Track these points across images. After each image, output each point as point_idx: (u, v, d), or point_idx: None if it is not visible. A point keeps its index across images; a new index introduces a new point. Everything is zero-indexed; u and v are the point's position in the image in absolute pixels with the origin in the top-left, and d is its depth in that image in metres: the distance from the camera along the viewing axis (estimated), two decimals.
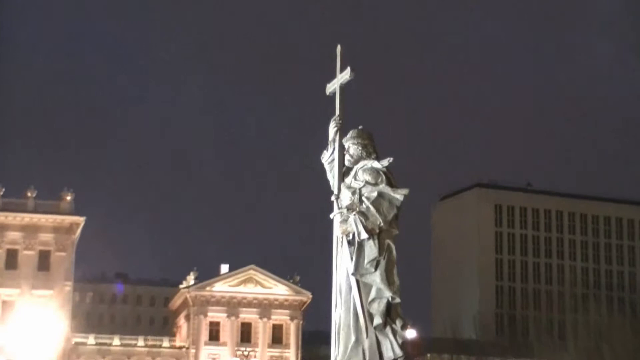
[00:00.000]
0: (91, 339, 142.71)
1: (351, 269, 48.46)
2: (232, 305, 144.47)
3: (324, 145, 50.36)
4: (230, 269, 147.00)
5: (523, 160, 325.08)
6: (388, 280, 49.40)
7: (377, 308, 48.68)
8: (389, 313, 49.61)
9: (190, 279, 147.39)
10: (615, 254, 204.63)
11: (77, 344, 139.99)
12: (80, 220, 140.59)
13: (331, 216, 49.89)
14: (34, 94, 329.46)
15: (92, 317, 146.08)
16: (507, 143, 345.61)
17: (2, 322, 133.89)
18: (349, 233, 48.50)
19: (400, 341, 50.12)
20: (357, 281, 48.63)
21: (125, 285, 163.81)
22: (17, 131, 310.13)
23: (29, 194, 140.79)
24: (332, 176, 49.21)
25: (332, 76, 51.45)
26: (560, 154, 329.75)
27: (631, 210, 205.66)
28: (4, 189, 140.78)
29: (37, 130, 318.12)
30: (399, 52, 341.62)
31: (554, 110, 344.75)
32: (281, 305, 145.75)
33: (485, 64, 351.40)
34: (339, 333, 50.27)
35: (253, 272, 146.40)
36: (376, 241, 49.13)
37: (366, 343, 49.18)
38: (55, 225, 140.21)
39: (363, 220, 48.66)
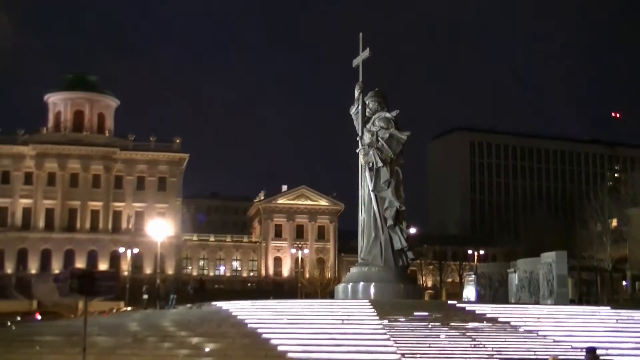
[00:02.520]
0: (195, 237, 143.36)
1: (371, 187, 48.63)
2: (290, 213, 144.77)
3: (352, 101, 50.12)
4: (289, 188, 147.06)
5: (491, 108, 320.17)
6: (397, 194, 49.58)
7: (390, 214, 48.85)
8: (398, 217, 49.80)
9: (261, 195, 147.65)
10: (552, 176, 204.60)
11: (185, 240, 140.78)
12: (185, 156, 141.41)
13: (357, 150, 49.91)
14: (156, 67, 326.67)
15: (196, 221, 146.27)
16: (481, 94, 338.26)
17: (135, 226, 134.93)
18: (369, 162, 48.72)
19: (405, 236, 50.30)
20: (375, 195, 48.79)
21: (216, 200, 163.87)
22: (146, 93, 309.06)
23: (151, 139, 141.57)
24: (357, 123, 49.38)
25: (357, 54, 50.96)
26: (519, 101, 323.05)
27: (564, 144, 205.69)
28: (134, 136, 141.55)
29: (154, 90, 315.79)
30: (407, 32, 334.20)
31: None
32: (323, 213, 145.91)
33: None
34: (363, 231, 50.55)
35: (304, 190, 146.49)
36: (388, 168, 49.30)
37: (382, 238, 49.45)
38: (169, 160, 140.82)
39: (379, 154, 48.86)
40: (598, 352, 25.40)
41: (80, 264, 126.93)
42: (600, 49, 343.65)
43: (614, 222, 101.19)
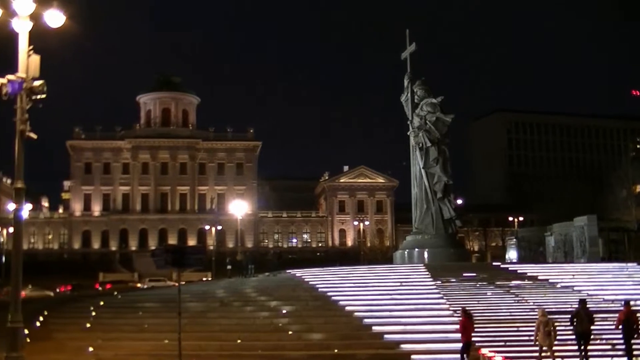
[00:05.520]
0: (270, 214, 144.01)
1: (422, 164, 48.44)
2: (351, 190, 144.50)
3: (402, 90, 49.89)
4: (350, 168, 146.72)
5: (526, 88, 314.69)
6: (444, 170, 49.36)
7: (439, 187, 48.65)
8: (446, 190, 49.59)
9: (325, 175, 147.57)
10: (582, 148, 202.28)
11: (261, 216, 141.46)
12: (259, 143, 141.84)
13: (408, 133, 49.70)
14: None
15: (270, 200, 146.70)
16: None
17: (217, 206, 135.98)
18: (419, 143, 48.54)
19: (453, 206, 50.09)
20: (426, 172, 48.59)
21: (287, 180, 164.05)
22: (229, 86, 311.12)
23: (228, 130, 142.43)
24: (407, 109, 49.21)
25: (404, 49, 50.60)
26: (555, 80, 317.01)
27: (592, 120, 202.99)
28: (214, 128, 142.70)
29: (229, 85, 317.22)
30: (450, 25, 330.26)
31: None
32: (381, 189, 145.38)
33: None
34: (416, 204, 50.47)
35: (363, 169, 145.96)
36: (436, 147, 49.06)
37: (433, 209, 49.28)
38: (245, 147, 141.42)
39: (427, 135, 48.63)
40: (631, 303, 25.04)
41: (172, 240, 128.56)
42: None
43: (638, 187, 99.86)
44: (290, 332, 28.92)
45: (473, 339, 24.38)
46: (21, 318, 20.26)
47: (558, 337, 23.72)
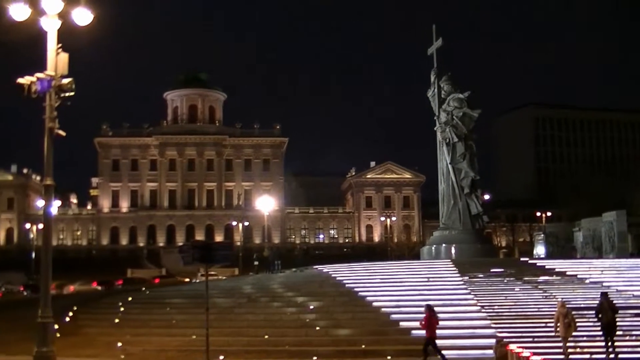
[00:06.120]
0: (296, 210, 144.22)
1: (449, 160, 48.26)
2: (378, 186, 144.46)
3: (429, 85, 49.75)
4: (377, 164, 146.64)
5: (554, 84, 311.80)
6: (471, 166, 49.12)
7: (466, 183, 48.44)
8: (473, 186, 49.36)
9: (352, 171, 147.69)
10: (610, 143, 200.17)
11: (288, 212, 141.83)
12: (285, 139, 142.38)
13: (435, 128, 49.55)
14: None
15: (296, 196, 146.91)
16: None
17: (244, 202, 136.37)
18: (446, 138, 48.34)
19: (480, 202, 49.84)
20: (453, 167, 48.40)
21: (314, 176, 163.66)
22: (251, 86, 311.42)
23: (255, 126, 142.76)
24: (434, 104, 49.06)
25: (430, 44, 50.49)
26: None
27: (619, 115, 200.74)
28: (241, 124, 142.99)
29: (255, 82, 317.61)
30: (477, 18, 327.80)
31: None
32: (407, 184, 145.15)
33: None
34: (443, 199, 50.30)
35: (389, 165, 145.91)
36: (463, 142, 48.82)
37: (460, 204, 49.09)
38: (271, 143, 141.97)
39: (454, 130, 48.45)
40: None
41: (199, 236, 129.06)
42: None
43: None
44: (317, 328, 28.95)
45: (501, 334, 24.30)
46: (51, 313, 20.46)
47: (587, 334, 23.58)
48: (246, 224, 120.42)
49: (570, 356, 23.18)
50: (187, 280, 74.39)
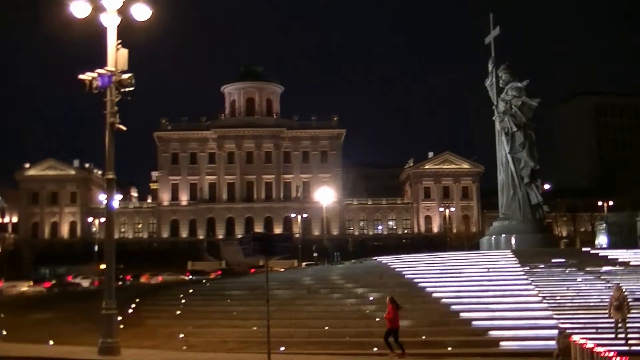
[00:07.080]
0: (355, 201, 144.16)
1: (508, 149, 47.74)
2: (436, 176, 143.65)
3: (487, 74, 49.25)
4: (435, 154, 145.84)
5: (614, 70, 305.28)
6: (531, 155, 48.53)
7: (526, 172, 47.90)
8: (533, 175, 48.75)
9: (410, 162, 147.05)
10: None
11: (346, 204, 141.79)
12: (343, 131, 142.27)
13: (493, 118, 49.06)
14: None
15: (355, 187, 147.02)
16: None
17: (302, 194, 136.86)
18: (505, 127, 47.85)
19: (540, 192, 49.18)
20: (512, 157, 47.91)
21: (372, 168, 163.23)
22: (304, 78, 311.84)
23: (312, 118, 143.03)
24: (492, 94, 48.58)
25: (488, 33, 49.91)
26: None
27: None
28: (298, 116, 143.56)
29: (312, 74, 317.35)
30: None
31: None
32: (466, 174, 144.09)
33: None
34: (502, 189, 49.81)
35: (448, 155, 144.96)
36: (522, 132, 48.27)
37: (520, 194, 48.56)
38: (329, 135, 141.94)
39: (513, 119, 47.90)
40: None
41: (258, 228, 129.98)
42: None
43: None
44: (377, 319, 28.90)
45: (563, 325, 24.05)
46: (115, 305, 20.83)
47: None
48: (305, 215, 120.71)
49: (630, 341, 22.90)
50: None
